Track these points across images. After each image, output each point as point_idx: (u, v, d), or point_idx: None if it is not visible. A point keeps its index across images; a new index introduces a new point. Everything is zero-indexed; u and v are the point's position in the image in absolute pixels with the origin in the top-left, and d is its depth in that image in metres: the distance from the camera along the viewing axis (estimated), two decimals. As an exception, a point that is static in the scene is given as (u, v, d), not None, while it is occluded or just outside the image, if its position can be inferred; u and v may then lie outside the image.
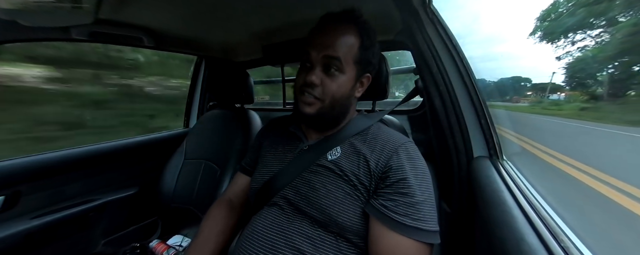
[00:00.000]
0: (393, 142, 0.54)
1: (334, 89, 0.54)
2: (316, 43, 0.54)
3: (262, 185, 0.59)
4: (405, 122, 1.11)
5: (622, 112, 5.52)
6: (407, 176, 0.48)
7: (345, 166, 0.53)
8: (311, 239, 0.49)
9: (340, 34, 0.54)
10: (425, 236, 0.45)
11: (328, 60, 0.53)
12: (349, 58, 0.54)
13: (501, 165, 0.63)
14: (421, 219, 0.45)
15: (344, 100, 0.57)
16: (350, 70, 0.55)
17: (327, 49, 0.53)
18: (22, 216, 0.91)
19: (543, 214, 0.45)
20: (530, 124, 5.18)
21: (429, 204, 0.48)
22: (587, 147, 3.38)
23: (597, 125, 5.55)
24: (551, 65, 7.85)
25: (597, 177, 2.09)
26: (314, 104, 0.55)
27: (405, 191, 0.47)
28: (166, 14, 0.91)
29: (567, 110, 7.26)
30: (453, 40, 0.71)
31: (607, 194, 1.88)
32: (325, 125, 0.60)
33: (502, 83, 5.68)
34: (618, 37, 6.35)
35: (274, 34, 1.10)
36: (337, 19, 0.56)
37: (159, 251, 0.84)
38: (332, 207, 0.49)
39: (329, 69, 0.54)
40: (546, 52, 7.07)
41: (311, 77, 0.53)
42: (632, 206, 1.76)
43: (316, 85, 0.53)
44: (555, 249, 0.36)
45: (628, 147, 3.96)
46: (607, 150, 3.57)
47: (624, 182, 2.02)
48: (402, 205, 0.46)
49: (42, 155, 0.97)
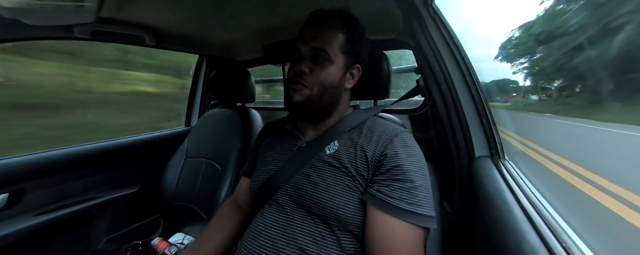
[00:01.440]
0: (389, 132, 0.55)
1: (323, 76, 0.56)
2: (304, 37, 0.57)
3: (261, 185, 0.60)
4: (407, 121, 1.11)
5: (553, 104, 8.63)
6: (402, 163, 0.49)
7: (344, 158, 0.53)
8: (312, 235, 0.50)
9: (326, 26, 0.56)
10: (420, 220, 0.45)
11: (316, 52, 0.55)
12: (337, 48, 0.56)
13: (502, 164, 0.63)
14: (416, 203, 0.46)
15: (333, 88, 0.58)
16: (339, 60, 0.57)
17: (313, 41, 0.55)
18: (26, 213, 0.92)
19: (544, 214, 0.45)
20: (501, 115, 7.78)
21: (425, 189, 0.48)
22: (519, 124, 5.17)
23: (538, 115, 8.88)
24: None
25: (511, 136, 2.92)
26: (302, 91, 0.56)
27: (400, 177, 0.48)
28: (168, 12, 0.91)
29: (532, 106, 10.01)
30: (455, 39, 0.71)
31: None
32: (315, 115, 0.61)
33: (494, 84, 7.48)
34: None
35: (275, 32, 1.10)
36: (324, 14, 0.58)
37: (160, 249, 0.85)
38: (331, 200, 0.50)
39: (318, 59, 0.56)
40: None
41: (300, 66, 0.55)
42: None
43: (305, 73, 0.55)
44: (556, 248, 0.36)
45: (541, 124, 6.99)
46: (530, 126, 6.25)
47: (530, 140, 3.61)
48: (397, 189, 0.47)
49: (45, 153, 0.98)
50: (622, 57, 5.04)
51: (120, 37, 0.96)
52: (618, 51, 4.83)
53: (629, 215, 1.54)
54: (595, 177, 2.14)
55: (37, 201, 0.95)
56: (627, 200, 1.72)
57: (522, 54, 10.50)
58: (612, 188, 1.92)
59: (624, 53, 4.90)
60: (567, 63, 7.90)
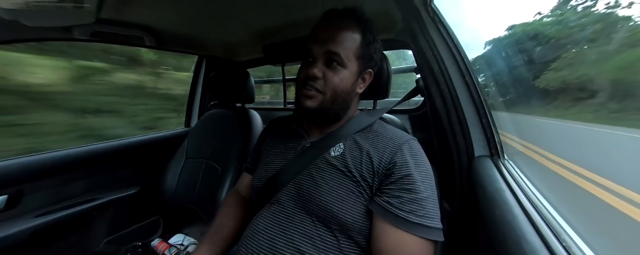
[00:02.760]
0: (397, 139, 0.54)
1: (336, 82, 0.54)
2: (318, 38, 0.54)
3: (264, 183, 0.59)
4: (406, 121, 1.11)
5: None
6: (412, 172, 0.48)
7: (349, 162, 0.52)
8: (312, 238, 0.49)
9: (342, 29, 0.54)
10: (429, 233, 0.45)
11: (330, 55, 0.54)
12: (351, 53, 0.54)
13: (502, 164, 0.63)
14: (426, 215, 0.45)
15: (345, 95, 0.56)
16: (353, 65, 0.55)
17: (329, 44, 0.53)
18: (26, 215, 0.92)
19: (544, 213, 0.45)
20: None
21: (433, 201, 0.48)
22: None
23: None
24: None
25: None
26: (315, 97, 0.54)
27: (410, 187, 0.47)
28: (167, 13, 0.91)
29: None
30: (454, 39, 0.71)
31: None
32: (326, 121, 0.60)
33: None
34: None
35: (274, 33, 1.10)
36: (339, 15, 0.56)
37: (160, 250, 0.85)
38: (334, 203, 0.49)
39: (331, 63, 0.54)
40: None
41: (313, 70, 0.53)
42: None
43: (318, 78, 0.54)
44: (556, 247, 0.36)
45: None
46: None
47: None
48: (407, 201, 0.46)
49: (44, 154, 0.98)
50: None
51: (120, 38, 0.96)
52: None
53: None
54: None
55: (36, 203, 0.95)
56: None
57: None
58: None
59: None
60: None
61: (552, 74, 8.51)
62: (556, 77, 8.48)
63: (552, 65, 8.71)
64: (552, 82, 8.45)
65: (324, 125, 0.61)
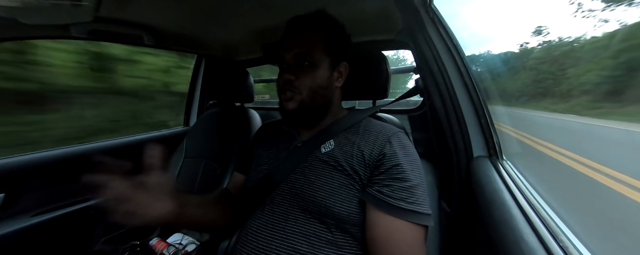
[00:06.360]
0: (385, 132, 0.56)
1: (310, 80, 0.56)
2: (286, 45, 0.58)
3: (257, 183, 0.59)
4: (405, 122, 1.11)
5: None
6: (401, 162, 0.51)
7: (340, 157, 0.54)
8: (307, 236, 0.50)
9: (305, 31, 0.58)
10: (420, 218, 0.47)
11: (300, 57, 0.56)
12: (319, 51, 0.57)
13: (501, 165, 0.63)
14: (416, 202, 0.47)
15: (324, 90, 0.58)
16: (324, 61, 0.57)
17: (295, 48, 0.57)
18: (23, 214, 0.91)
19: (542, 214, 0.45)
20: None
21: (422, 188, 0.50)
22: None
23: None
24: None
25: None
26: (294, 98, 0.57)
27: (400, 176, 0.49)
28: (166, 12, 0.91)
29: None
30: (453, 40, 0.71)
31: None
32: (311, 119, 0.61)
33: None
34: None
35: (274, 32, 1.10)
36: (301, 19, 0.60)
37: (159, 249, 0.84)
38: (328, 198, 0.50)
39: (303, 64, 0.56)
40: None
41: (286, 75, 0.57)
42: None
43: (292, 80, 0.56)
44: (554, 248, 0.36)
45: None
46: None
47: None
48: (398, 189, 0.48)
49: (41, 153, 0.97)
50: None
51: (119, 36, 0.96)
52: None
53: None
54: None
55: (34, 202, 0.95)
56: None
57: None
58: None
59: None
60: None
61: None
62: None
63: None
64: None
65: (311, 125, 0.62)
